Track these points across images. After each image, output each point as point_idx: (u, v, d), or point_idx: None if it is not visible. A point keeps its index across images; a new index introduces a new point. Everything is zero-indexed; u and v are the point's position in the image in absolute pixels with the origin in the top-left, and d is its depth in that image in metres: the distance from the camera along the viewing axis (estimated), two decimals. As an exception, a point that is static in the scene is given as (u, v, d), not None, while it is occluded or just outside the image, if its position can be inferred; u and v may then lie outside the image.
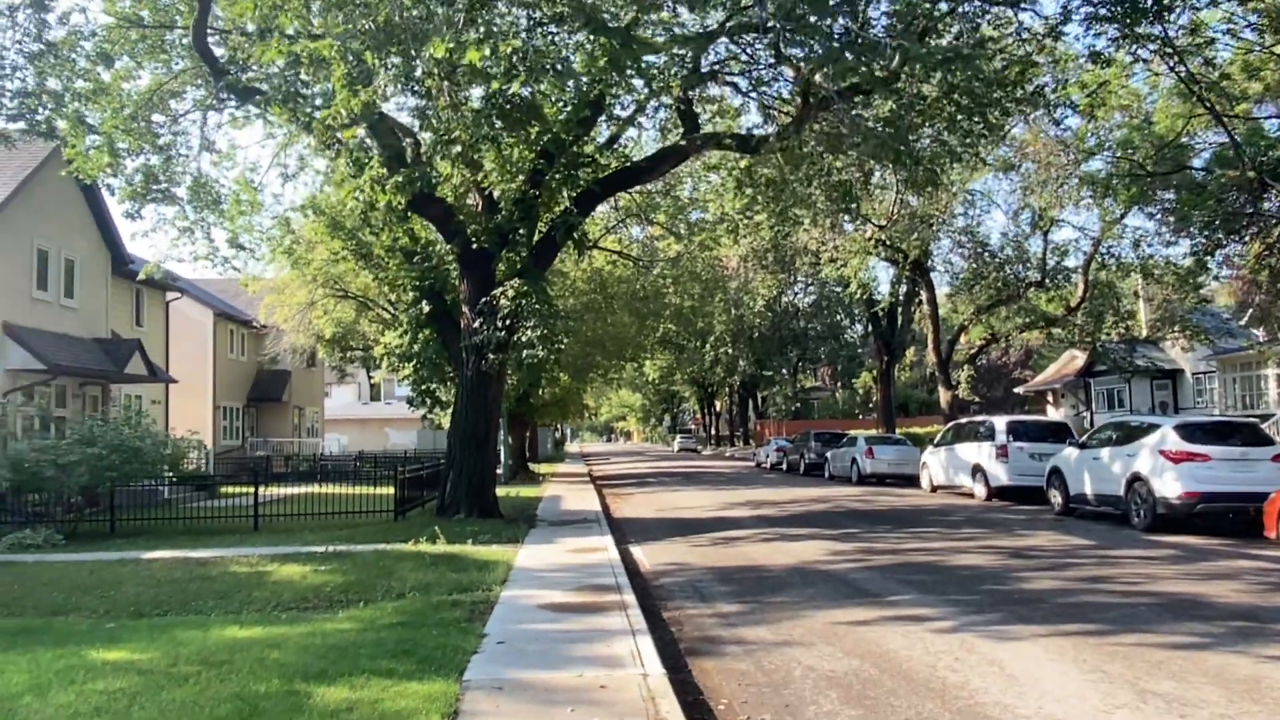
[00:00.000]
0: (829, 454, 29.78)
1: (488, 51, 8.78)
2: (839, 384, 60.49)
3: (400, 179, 11.82)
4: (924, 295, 32.03)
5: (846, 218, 27.14)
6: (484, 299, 16.12)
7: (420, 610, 8.67)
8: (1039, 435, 19.54)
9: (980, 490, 19.93)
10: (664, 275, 26.08)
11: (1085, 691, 5.95)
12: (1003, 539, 13.47)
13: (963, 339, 36.07)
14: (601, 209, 26.07)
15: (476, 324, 16.21)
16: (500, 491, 24.31)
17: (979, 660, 6.74)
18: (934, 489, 22.68)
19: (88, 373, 19.73)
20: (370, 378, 35.29)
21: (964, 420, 23.72)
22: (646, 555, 12.89)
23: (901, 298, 36.36)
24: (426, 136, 12.37)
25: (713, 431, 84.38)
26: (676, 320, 34.57)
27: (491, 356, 15.89)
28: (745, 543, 13.81)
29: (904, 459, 26.13)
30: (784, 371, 55.88)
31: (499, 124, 10.66)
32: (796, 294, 51.91)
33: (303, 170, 19.12)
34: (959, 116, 14.19)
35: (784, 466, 35.65)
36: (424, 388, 18.33)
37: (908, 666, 6.63)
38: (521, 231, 16.53)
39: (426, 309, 17.73)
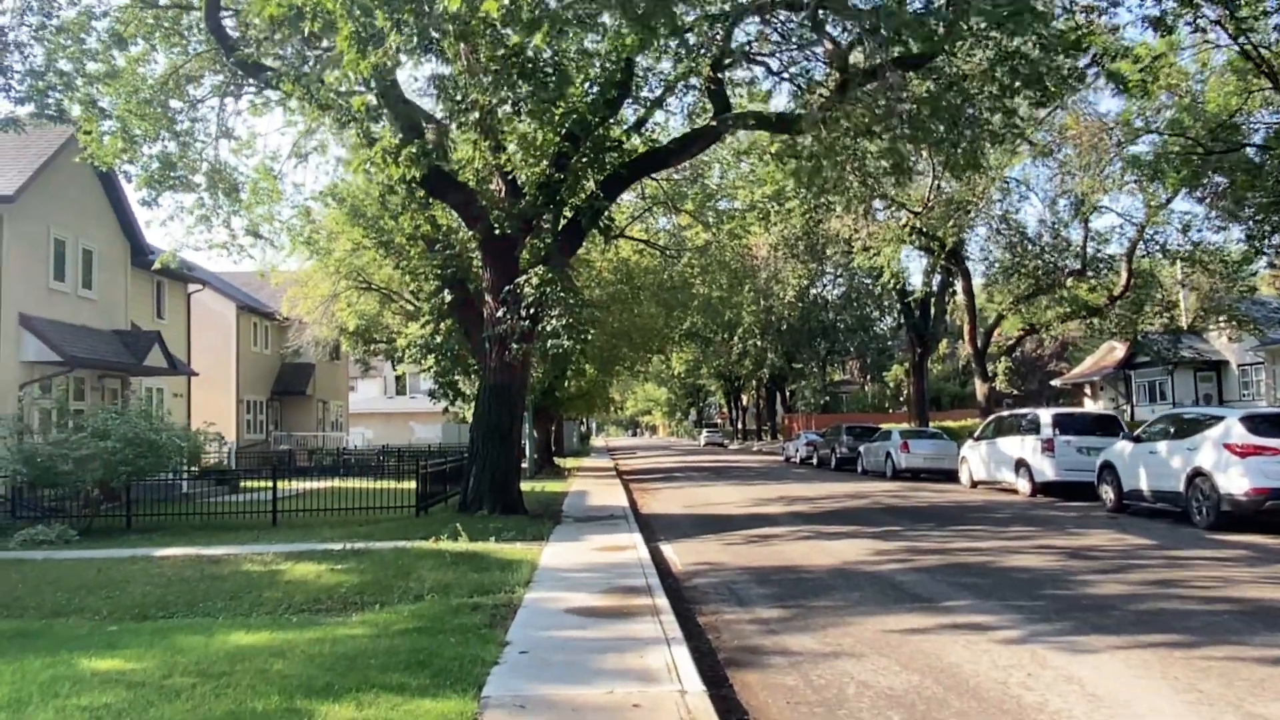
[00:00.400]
0: (862, 448, 28.98)
1: (506, 1, 8.13)
2: (868, 377, 59.49)
3: (414, 150, 11.21)
4: (959, 285, 31.09)
5: (880, 204, 26.34)
6: (507, 287, 15.55)
7: (438, 614, 8.09)
8: (1086, 428, 18.69)
9: (1024, 486, 19.11)
10: (692, 265, 25.40)
11: (1184, 715, 5.25)
12: (1056, 538, 12.70)
13: (999, 330, 35.08)
14: (628, 197, 25.46)
15: (499, 313, 15.65)
16: (525, 486, 23.77)
17: (1055, 677, 6.05)
18: (974, 484, 21.86)
19: (106, 365, 19.37)
20: (394, 370, 34.74)
21: (1006, 413, 22.87)
22: (677, 554, 12.26)
23: (935, 288, 35.45)
24: (442, 107, 11.74)
25: (739, 425, 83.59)
26: (704, 311, 33.88)
27: (515, 347, 15.30)
28: (781, 541, 13.13)
29: (940, 453, 25.31)
30: (813, 365, 54.97)
31: (521, 86, 9.95)
32: (825, 285, 51.00)
33: (322, 155, 18.77)
34: (1003, 94, 13.37)
35: (814, 461, 34.88)
36: (446, 380, 17.79)
37: (976, 683, 5.95)
38: (546, 217, 15.95)
39: (448, 298, 17.18)
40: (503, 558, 11.22)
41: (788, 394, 61.73)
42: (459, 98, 10.36)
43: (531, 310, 15.28)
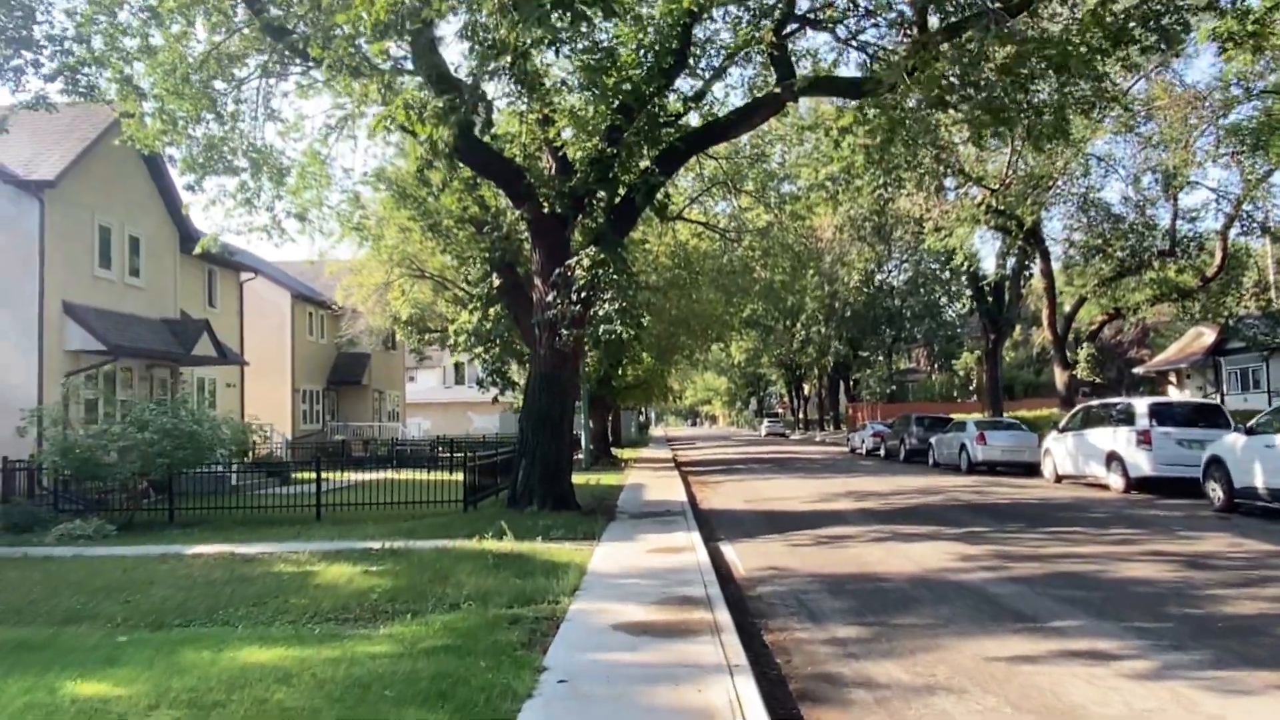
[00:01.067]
0: (933, 440, 27.55)
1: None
2: (935, 366, 57.50)
3: (441, 105, 10.29)
4: (1037, 267, 29.37)
5: (952, 183, 24.83)
6: (557, 270, 14.68)
7: (472, 629, 7.22)
8: (1187, 419, 17.15)
9: (1116, 481, 17.63)
10: (753, 248, 24.24)
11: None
12: (1166, 542, 11.36)
13: (1080, 315, 33.15)
14: (686, 179, 24.40)
15: (549, 297, 14.78)
16: (579, 479, 22.94)
17: (1211, 728, 4.91)
18: (1058, 479, 20.39)
19: (152, 354, 18.99)
20: (448, 359, 34.21)
21: (1095, 402, 21.30)
22: (739, 556, 11.25)
23: (1010, 271, 33.69)
24: (472, 59, 10.80)
25: (801, 415, 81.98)
26: (766, 297, 32.66)
27: (565, 333, 14.41)
28: (853, 543, 12.01)
29: (1019, 445, 23.82)
30: (878, 353, 53.19)
31: (556, 19, 8.91)
32: (891, 271, 49.22)
33: (371, 139, 18.02)
34: (1111, 41, 12.01)
35: (881, 453, 33.48)
36: (495, 368, 17.00)
37: (1112, 736, 4.84)
38: (598, 195, 15.00)
39: (497, 282, 16.38)
40: (549, 560, 10.33)
41: (852, 383, 60.05)
42: (488, 41, 9.42)
43: (583, 294, 14.38)
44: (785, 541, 12.38)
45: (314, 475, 22.34)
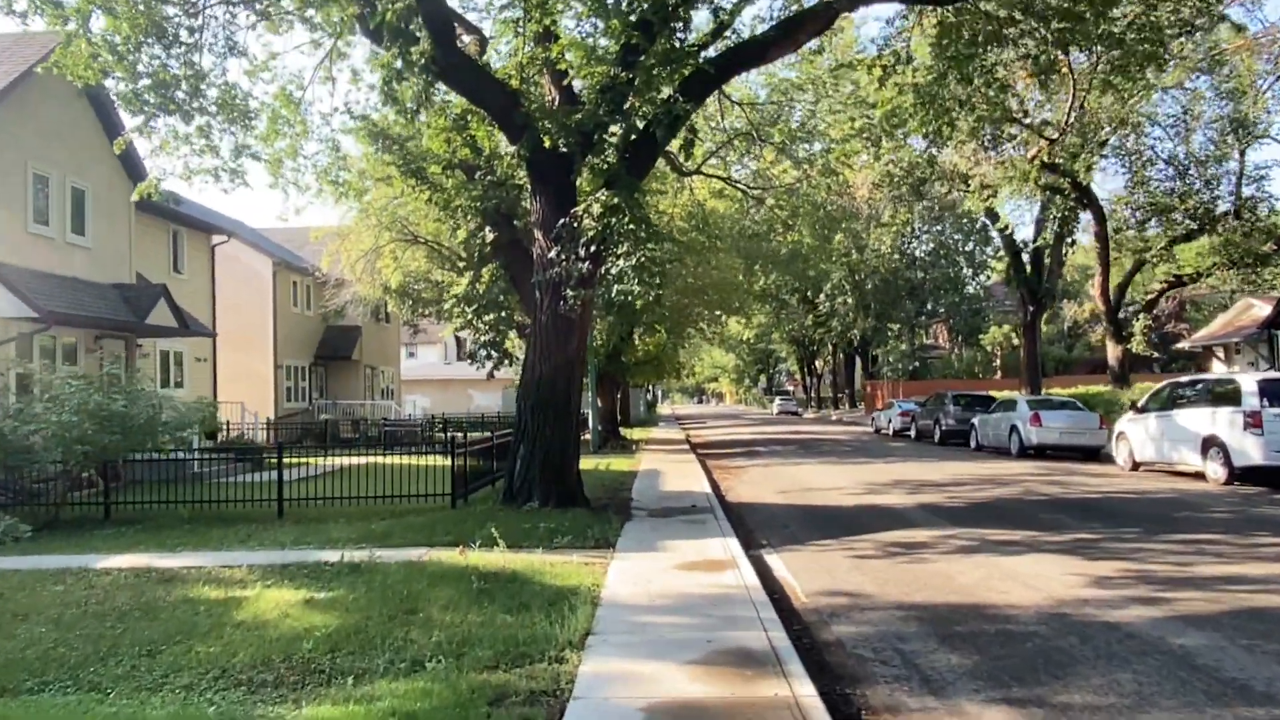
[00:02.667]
0: (975, 420, 25.08)
1: None
2: (959, 340, 54.88)
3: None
4: (1089, 232, 26.74)
5: (1012, 130, 22.17)
6: (562, 220, 12.21)
7: (435, 713, 4.84)
8: (1304, 398, 14.63)
9: (1216, 471, 15.14)
10: (780, 206, 21.67)
11: None
12: (1341, 557, 8.92)
13: (1135, 283, 30.42)
14: (705, 130, 21.82)
15: (552, 253, 12.33)
16: (587, 464, 20.48)
17: None
18: (1135, 466, 17.90)
19: (96, 322, 16.56)
20: (448, 334, 31.57)
21: (1185, 379, 18.78)
22: (793, 572, 8.84)
23: (1052, 238, 31.07)
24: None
25: (814, 393, 79.56)
26: (789, 266, 30.12)
27: (571, 294, 11.96)
28: (933, 553, 9.58)
29: (1079, 427, 21.34)
30: (901, 328, 50.51)
31: None
32: (913, 242, 46.48)
33: (355, 85, 15.60)
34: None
35: (912, 433, 31.04)
36: (490, 339, 14.54)
37: None
38: (611, 129, 12.48)
39: (490, 237, 13.90)
40: (550, 584, 7.92)
41: (870, 359, 57.47)
42: None
43: (592, 248, 11.92)
44: (845, 550, 9.95)
45: (288, 461, 19.98)
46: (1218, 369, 38.82)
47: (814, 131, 20.40)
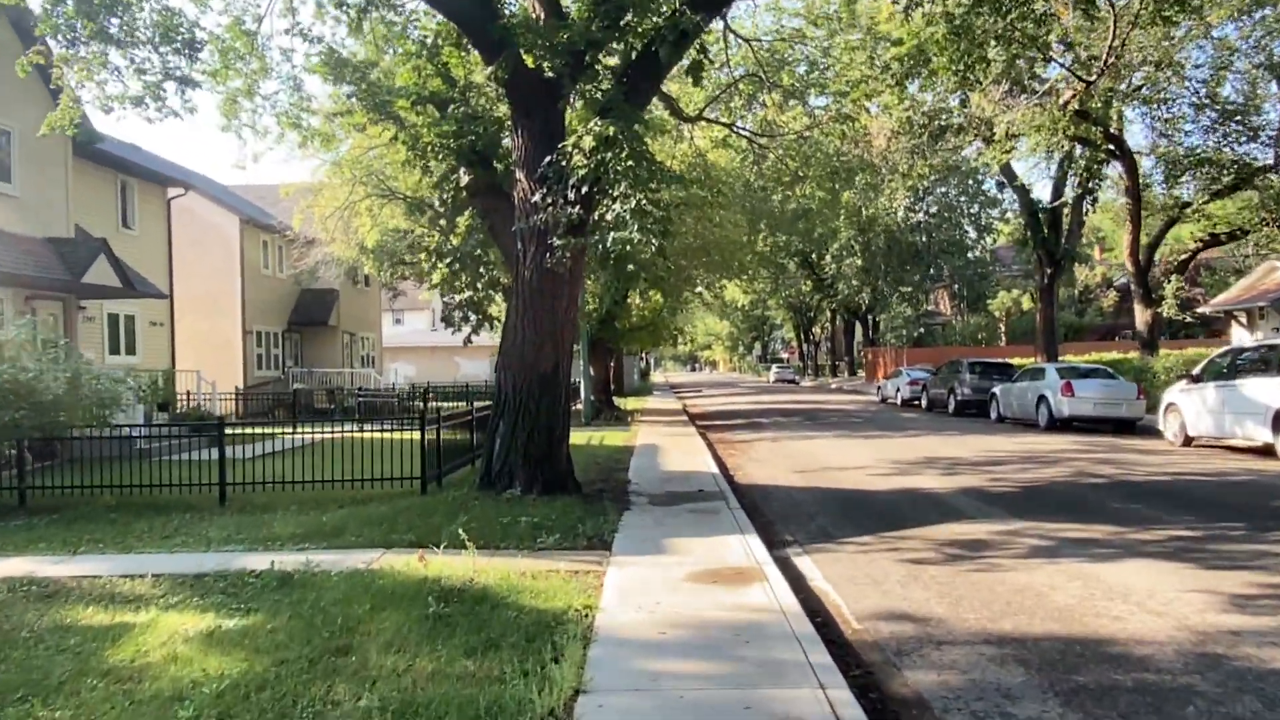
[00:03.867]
0: (997, 390, 23.35)
1: None
2: (962, 306, 53.08)
3: None
4: (1121, 185, 24.81)
5: (1044, 74, 20.21)
6: (548, 158, 10.34)
7: None
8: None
9: (1289, 448, 13.45)
10: (790, 156, 19.70)
11: None
12: None
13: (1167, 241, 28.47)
14: (707, 73, 19.83)
15: (536, 197, 10.47)
16: (579, 438, 18.74)
17: None
18: (1187, 441, 16.18)
19: (19, 280, 14.62)
20: (421, 294, 29.39)
21: (1249, 345, 17.04)
22: (835, 585, 7.09)
23: (1071, 195, 29.20)
24: None
25: (810, 361, 77.91)
26: (794, 225, 28.20)
27: (559, 244, 10.10)
28: (1003, 556, 7.84)
29: (1115, 397, 19.61)
30: (911, 290, 48.49)
31: None
32: (918, 204, 44.40)
33: (321, 20, 13.61)
34: None
35: (922, 403, 29.34)
36: (467, 299, 12.65)
37: None
38: (606, 48, 10.56)
39: (465, 180, 11.98)
40: (530, 606, 6.15)
41: (870, 325, 55.66)
42: None
43: (583, 189, 10.05)
44: (891, 550, 8.21)
45: (256, 431, 18.25)
46: (1238, 335, 37.16)
47: (828, 72, 18.44)
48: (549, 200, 10.39)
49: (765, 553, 7.83)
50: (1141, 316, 25.80)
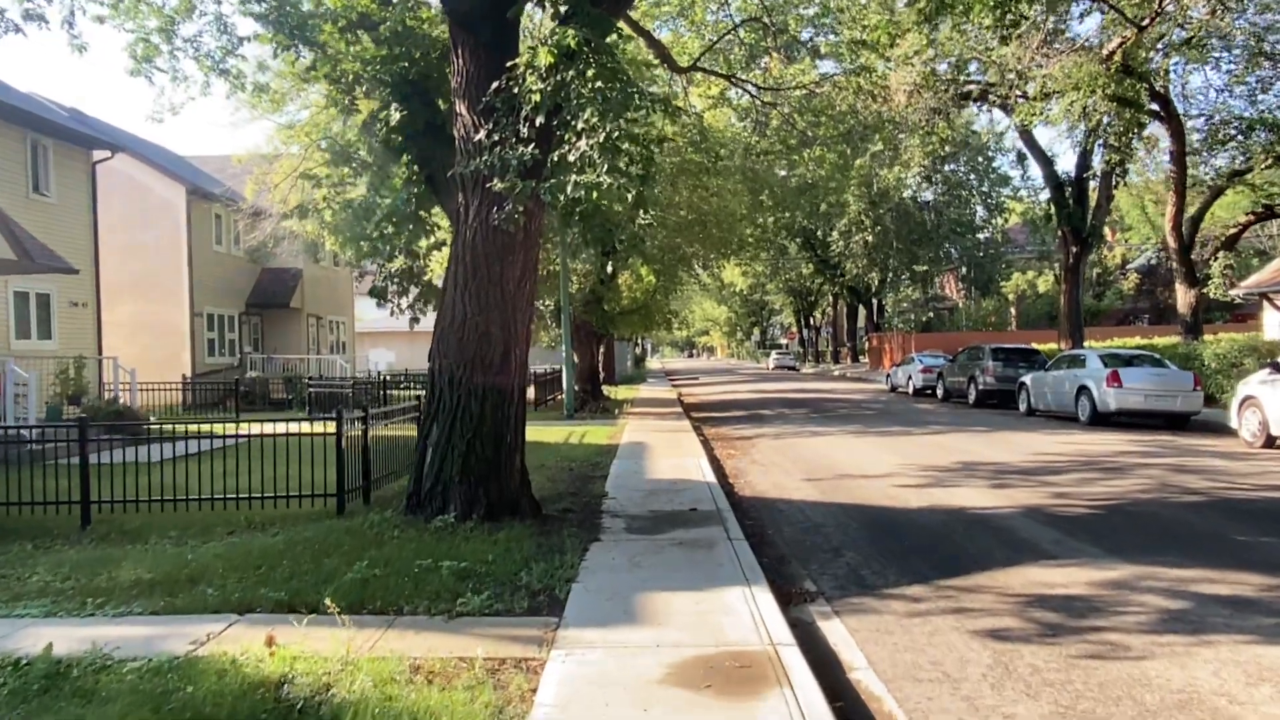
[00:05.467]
0: (1026, 379, 20.93)
1: None
2: (968, 289, 50.56)
3: None
4: (1169, 149, 22.31)
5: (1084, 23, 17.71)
6: (496, 83, 7.92)
7: None
8: None
9: None
10: (800, 111, 17.22)
11: None
12: None
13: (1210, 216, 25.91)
14: (703, 19, 17.35)
15: (481, 134, 8.08)
16: (556, 434, 16.35)
17: None
18: (1269, 441, 13.77)
19: None
20: (328, 244, 26.34)
21: None
22: (893, 687, 4.70)
23: (1099, 168, 26.75)
24: None
25: (811, 347, 75.52)
26: (798, 199, 25.72)
27: (503, 187, 7.67)
28: (1126, 631, 5.47)
29: (1169, 388, 17.20)
30: (926, 269, 45.84)
31: None
32: (932, 175, 41.75)
33: None
34: None
35: (938, 393, 26.94)
36: (400, 264, 10.17)
37: None
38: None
39: (397, 118, 9.51)
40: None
41: (875, 309, 53.16)
42: None
43: (539, 120, 7.63)
44: (957, 615, 5.81)
45: (189, 428, 15.94)
46: (1272, 320, 34.77)
47: (843, 15, 15.97)
48: (497, 137, 7.97)
49: (781, 621, 5.44)
50: (1184, 298, 23.36)
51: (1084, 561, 7.06)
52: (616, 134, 7.38)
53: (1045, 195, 29.84)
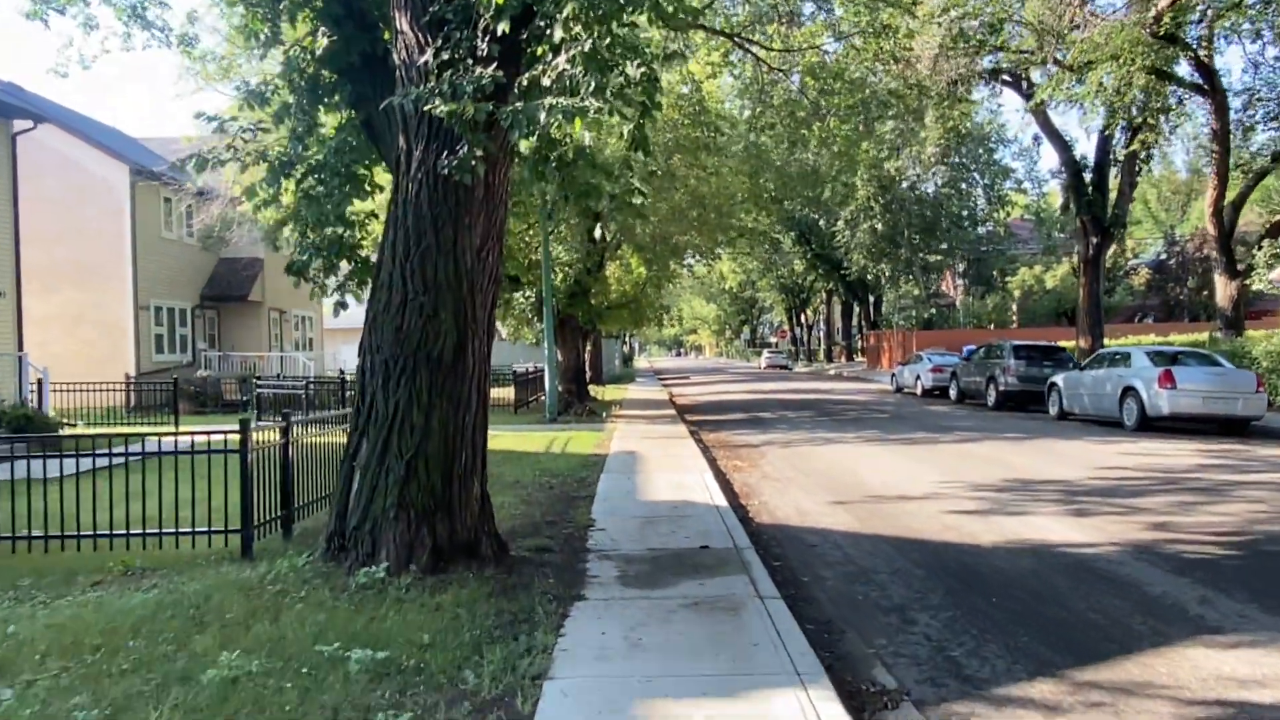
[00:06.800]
0: (1058, 379, 18.99)
1: None
2: (973, 286, 48.72)
3: None
4: (1211, 127, 20.42)
5: None
6: (445, -12, 5.90)
7: None
8: None
9: None
10: (811, 75, 15.23)
11: None
12: None
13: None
14: None
15: (428, 55, 6.09)
16: (536, 441, 14.26)
17: None
18: (1369, 455, 11.90)
19: None
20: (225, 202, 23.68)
21: None
22: None
23: (1123, 150, 24.88)
24: None
25: (804, 345, 73.67)
26: (802, 184, 23.72)
27: (445, 110, 5.63)
28: None
29: (1228, 389, 15.27)
30: (940, 258, 43.80)
31: None
32: (946, 157, 39.69)
33: None
34: None
35: (950, 394, 24.99)
36: (330, 232, 8.05)
37: None
38: None
39: (325, 45, 7.44)
40: None
41: (871, 306, 51.20)
42: None
43: (505, 28, 5.58)
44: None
45: (117, 429, 13.70)
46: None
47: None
48: (447, 57, 5.94)
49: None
50: (1224, 290, 21.46)
51: (1265, 636, 5.06)
52: (608, 40, 5.34)
53: (1053, 185, 28.10)
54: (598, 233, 16.66)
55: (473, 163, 5.95)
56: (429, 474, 6.10)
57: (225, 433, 7.35)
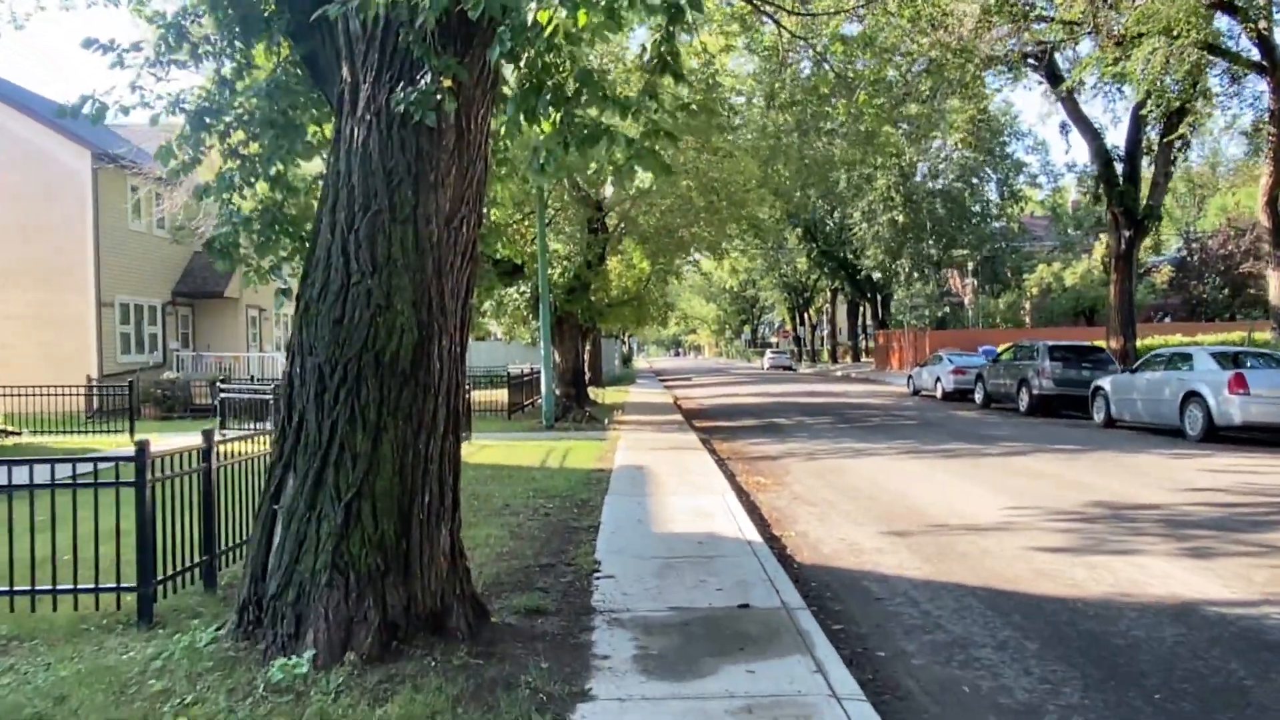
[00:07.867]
0: (1104, 383, 17.36)
1: None
2: (984, 284, 47.08)
3: None
4: (1269, 108, 18.75)
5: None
6: None
7: None
8: None
9: None
10: (838, 47, 13.62)
11: None
12: None
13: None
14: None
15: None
16: (531, 453, 12.62)
17: None
18: None
19: None
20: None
21: None
22: None
23: (1159, 136, 23.33)
24: None
25: (807, 345, 72.04)
26: (820, 174, 22.10)
27: (414, 28, 3.95)
28: None
29: (1309, 396, 13.64)
30: (968, 252, 42.13)
31: None
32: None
33: None
34: None
35: (975, 397, 23.36)
36: (267, 198, 6.44)
37: None
38: None
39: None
40: None
41: (879, 305, 49.54)
42: None
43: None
44: None
45: (90, 451, 12.14)
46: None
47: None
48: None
49: None
50: (1276, 284, 19.83)
51: None
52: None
53: (1068, 179, 26.49)
54: (607, 177, 14.79)
55: (438, 95, 4.34)
56: (377, 521, 4.45)
57: (116, 459, 5.70)
